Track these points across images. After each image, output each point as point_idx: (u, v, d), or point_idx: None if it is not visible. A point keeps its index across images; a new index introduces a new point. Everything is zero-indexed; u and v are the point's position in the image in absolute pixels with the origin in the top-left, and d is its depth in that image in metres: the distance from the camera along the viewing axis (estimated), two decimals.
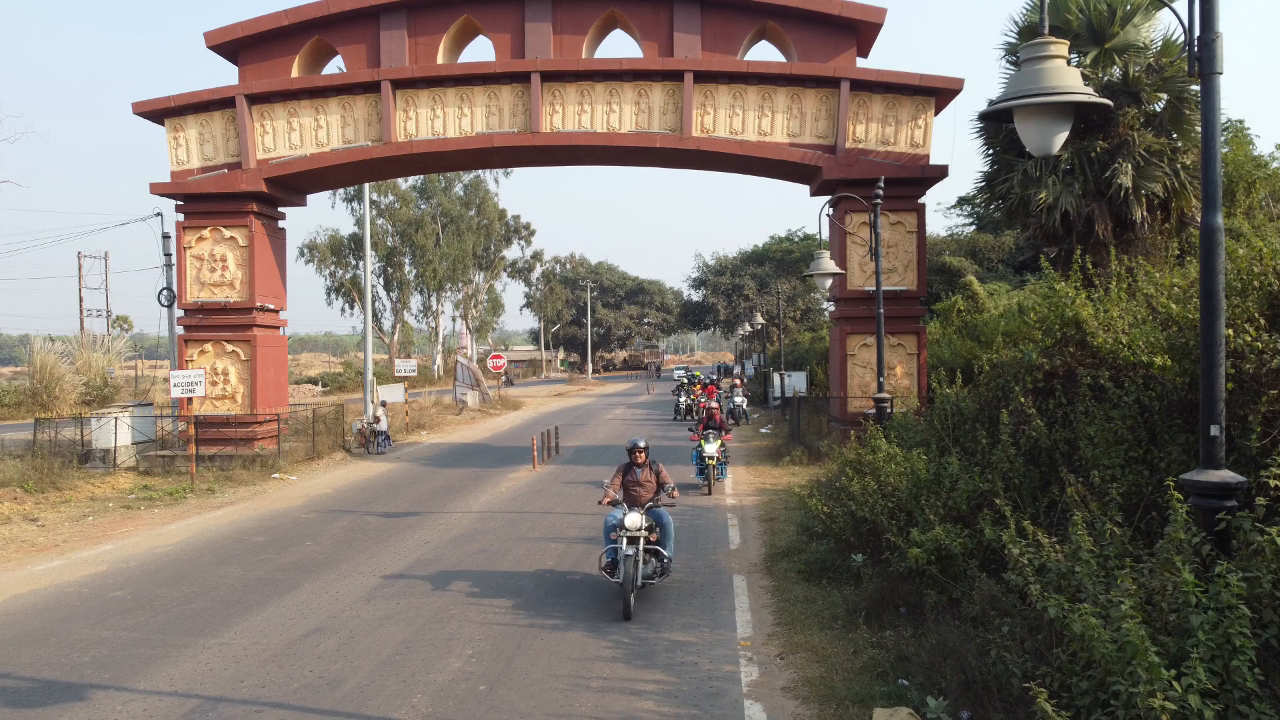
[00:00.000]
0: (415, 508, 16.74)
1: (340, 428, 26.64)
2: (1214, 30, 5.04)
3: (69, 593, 11.09)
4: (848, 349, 20.58)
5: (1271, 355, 6.63)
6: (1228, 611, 4.61)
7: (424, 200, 61.42)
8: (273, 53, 21.43)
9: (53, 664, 8.42)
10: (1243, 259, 7.58)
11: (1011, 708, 5.85)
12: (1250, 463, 6.36)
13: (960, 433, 10.09)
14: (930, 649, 7.13)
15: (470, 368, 46.48)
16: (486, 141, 21.02)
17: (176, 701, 7.40)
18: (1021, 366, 9.46)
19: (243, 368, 21.75)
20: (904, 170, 19.87)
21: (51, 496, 17.75)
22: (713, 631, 8.90)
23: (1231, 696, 4.52)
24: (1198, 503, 5.27)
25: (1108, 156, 16.24)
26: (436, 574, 11.55)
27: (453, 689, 7.50)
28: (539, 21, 20.77)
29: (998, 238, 36.87)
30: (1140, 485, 7.10)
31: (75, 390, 33.55)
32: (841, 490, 10.60)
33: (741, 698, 7.18)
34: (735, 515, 15.06)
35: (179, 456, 21.08)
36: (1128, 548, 6.09)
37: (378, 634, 9.05)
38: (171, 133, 21.58)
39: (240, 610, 10.05)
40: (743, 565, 11.63)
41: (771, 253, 62.19)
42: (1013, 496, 7.97)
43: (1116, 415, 7.54)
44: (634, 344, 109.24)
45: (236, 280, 21.69)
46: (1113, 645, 4.69)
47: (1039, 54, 5.40)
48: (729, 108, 20.53)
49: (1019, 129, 5.41)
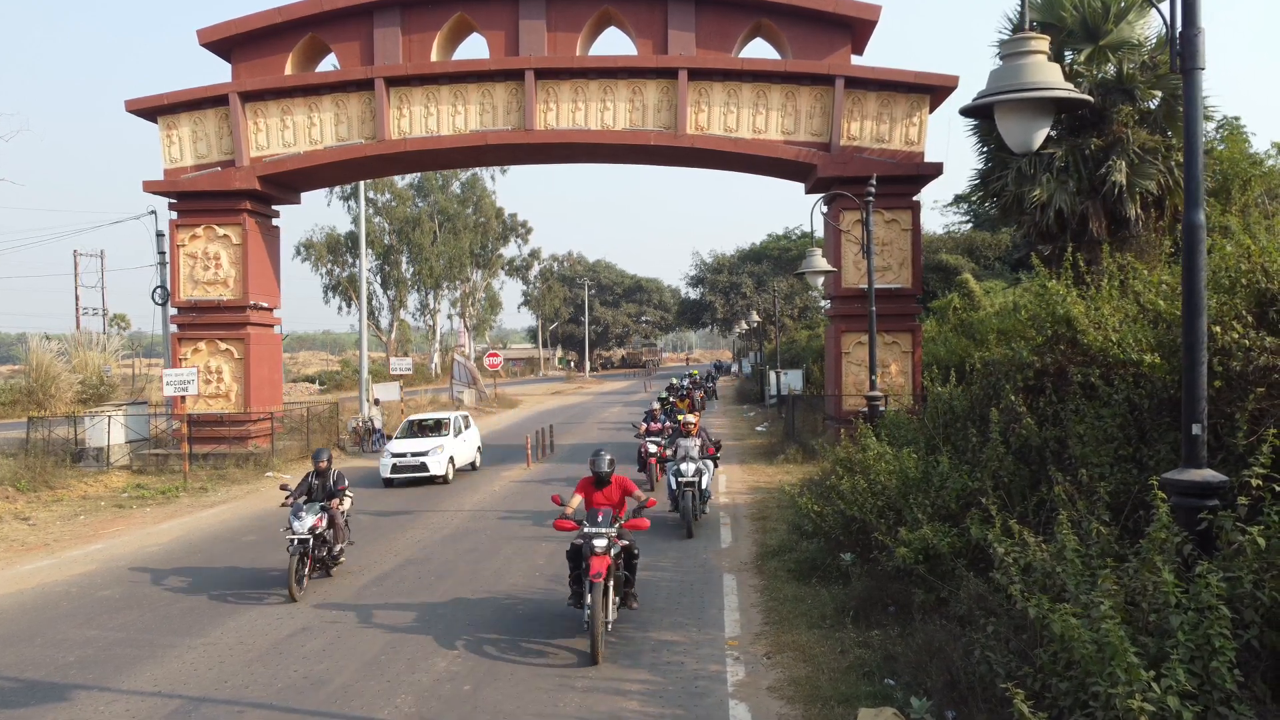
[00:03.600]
0: (407, 506, 16.70)
1: (335, 426, 26.60)
2: (1196, 25, 5.00)
3: (57, 592, 11.05)
4: (843, 347, 20.54)
5: (1259, 353, 6.59)
6: (1208, 612, 4.57)
7: (421, 198, 61.29)
8: (266, 50, 21.37)
9: (37, 664, 8.39)
10: (1231, 256, 7.54)
11: (995, 708, 5.81)
12: (1238, 461, 6.31)
13: (951, 431, 10.04)
14: (916, 648, 7.10)
15: (467, 366, 46.43)
16: (481, 139, 20.97)
17: (159, 702, 7.36)
18: (1013, 364, 9.40)
19: (236, 366, 21.70)
20: (899, 168, 19.82)
21: (44, 495, 17.72)
22: (700, 631, 8.86)
23: (1211, 698, 4.47)
24: (1180, 502, 5.23)
25: (1102, 154, 16.19)
26: (426, 573, 11.51)
27: (437, 689, 7.46)
28: (533, 19, 20.71)
29: (994, 235, 36.80)
30: (1129, 483, 7.05)
31: (71, 389, 33.53)
32: (832, 489, 10.56)
33: (727, 698, 7.14)
34: (728, 514, 15.03)
35: (172, 455, 21.03)
36: (1113, 547, 6.04)
37: (364, 633, 9.02)
38: (165, 131, 21.51)
39: (228, 610, 10.02)
40: (733, 564, 11.59)
41: (769, 251, 62.10)
42: (1001, 495, 7.92)
43: (1106, 413, 7.50)
44: (632, 342, 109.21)
45: (230, 279, 21.64)
46: (1092, 646, 4.65)
47: (1020, 49, 5.35)
48: (723, 105, 20.48)
49: (999, 125, 5.36)
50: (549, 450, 24.73)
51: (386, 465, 18.99)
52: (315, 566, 10.88)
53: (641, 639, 8.56)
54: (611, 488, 9.08)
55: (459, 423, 20.92)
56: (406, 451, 18.96)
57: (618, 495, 9.07)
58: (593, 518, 8.50)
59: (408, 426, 20.80)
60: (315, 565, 10.87)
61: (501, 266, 70.72)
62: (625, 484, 9.13)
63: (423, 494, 18.09)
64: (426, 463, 18.75)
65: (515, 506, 16.38)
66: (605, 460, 9.08)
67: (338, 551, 11.23)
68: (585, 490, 9.10)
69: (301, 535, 10.47)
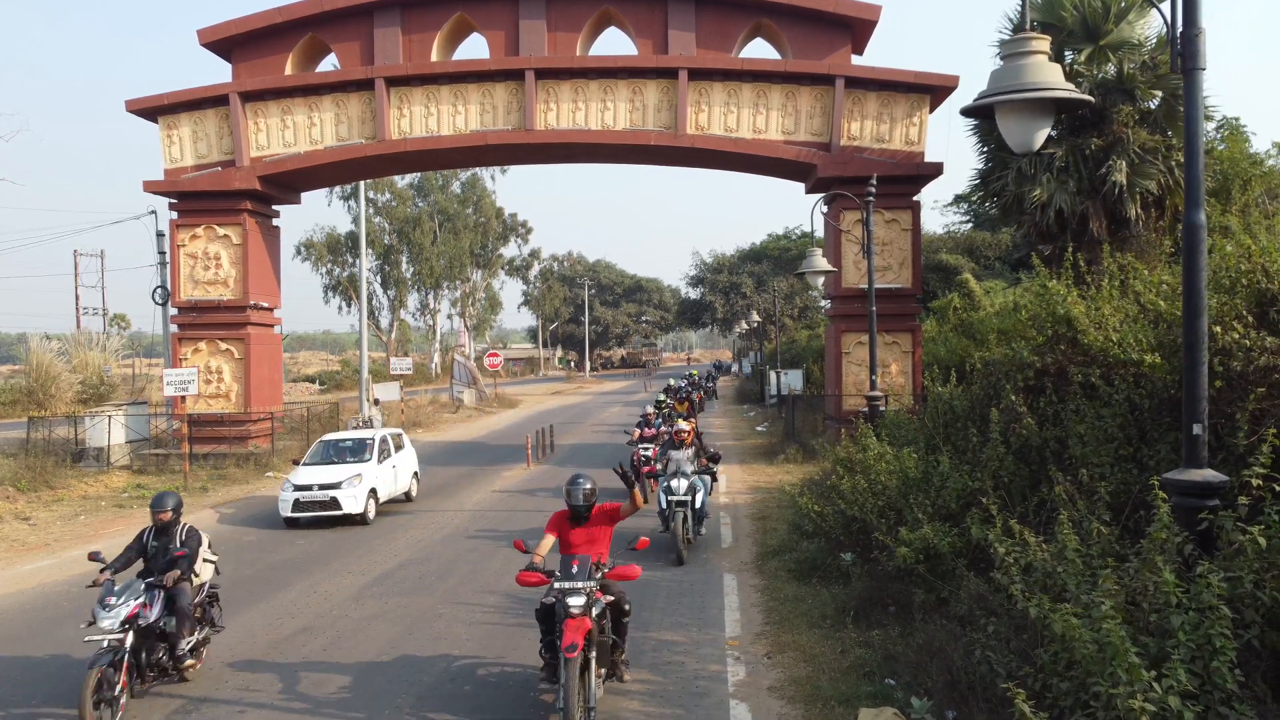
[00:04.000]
0: (407, 506, 16.70)
1: (335, 426, 26.60)
2: (1196, 26, 5.01)
3: (57, 592, 11.06)
4: (843, 347, 20.54)
5: (1259, 353, 6.59)
6: (1209, 612, 4.57)
7: (421, 198, 61.30)
8: (266, 50, 21.37)
9: (37, 664, 8.38)
10: (1231, 256, 7.54)
11: (996, 708, 5.82)
12: (1238, 461, 6.30)
13: (951, 431, 10.05)
14: (917, 648, 7.10)
15: (467, 366, 46.45)
16: (481, 139, 20.98)
17: (161, 701, 7.36)
18: (1013, 364, 9.40)
19: (236, 366, 21.70)
20: (899, 168, 19.82)
21: (44, 495, 17.73)
22: (701, 631, 8.86)
23: (1212, 698, 4.48)
24: (1180, 502, 5.23)
25: (1102, 154, 16.19)
26: (427, 573, 11.51)
27: (438, 688, 7.47)
28: (533, 19, 20.71)
29: (994, 235, 36.80)
30: (1129, 483, 7.06)
31: (72, 388, 33.53)
32: (832, 489, 10.56)
33: (727, 698, 7.15)
34: (728, 514, 15.03)
35: (173, 455, 21.04)
36: (1114, 547, 6.04)
37: (365, 633, 9.02)
38: (165, 131, 21.51)
39: (229, 609, 9.99)
40: (734, 564, 11.60)
41: (769, 251, 62.07)
42: (1002, 495, 7.92)
43: (1107, 413, 7.50)
44: (632, 342, 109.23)
45: (230, 278, 21.64)
46: (1093, 646, 4.65)
47: (1020, 49, 5.36)
48: (724, 105, 20.48)
49: (1000, 125, 5.36)
50: (549, 450, 24.74)
51: (287, 501, 14.78)
52: (150, 674, 7.37)
53: (642, 639, 8.56)
54: (592, 524, 7.14)
55: (386, 443, 16.61)
56: (313, 483, 14.82)
57: (601, 532, 7.15)
58: (566, 568, 6.63)
59: (321, 449, 16.42)
60: (151, 672, 7.35)
61: (501, 266, 70.71)
62: (611, 512, 7.20)
63: (423, 494, 18.01)
64: (338, 497, 14.62)
65: (516, 506, 16.38)
66: (582, 490, 7.05)
67: (188, 647, 7.55)
68: (558, 528, 7.18)
69: (112, 634, 6.92)
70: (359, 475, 15.07)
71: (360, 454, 15.89)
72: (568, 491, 7.10)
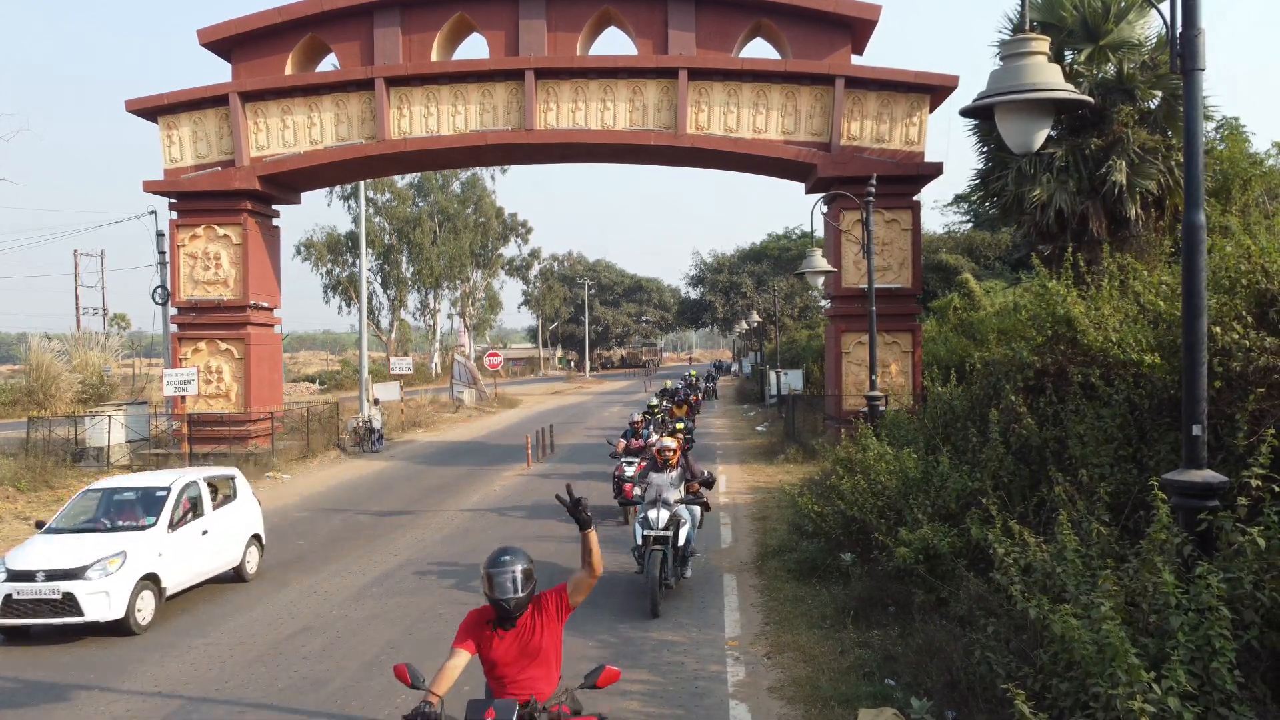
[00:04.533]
0: (407, 506, 16.70)
1: (335, 426, 26.61)
2: (1196, 26, 5.00)
3: None
4: (843, 347, 20.54)
5: (1259, 353, 6.59)
6: (1208, 613, 4.57)
7: (421, 198, 61.30)
8: (266, 50, 21.37)
9: (36, 664, 8.39)
10: (1231, 256, 7.54)
11: (995, 708, 5.82)
12: (1238, 461, 6.30)
13: (951, 431, 10.05)
14: (916, 649, 7.10)
15: (467, 365, 46.44)
16: (480, 139, 20.98)
17: (160, 702, 7.37)
18: (1013, 364, 9.41)
19: (236, 366, 21.70)
20: (899, 168, 19.82)
21: (44, 495, 17.72)
22: (701, 631, 8.86)
23: (1211, 699, 4.48)
24: (1180, 502, 5.23)
25: (1102, 154, 16.17)
26: (426, 573, 11.52)
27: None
28: (533, 19, 20.71)
29: (994, 235, 36.78)
30: (1129, 484, 7.06)
31: (72, 388, 33.52)
32: (832, 489, 10.56)
33: (727, 698, 7.15)
34: (728, 514, 15.03)
35: (173, 455, 21.02)
36: (1113, 547, 6.04)
37: (365, 634, 9.02)
38: (165, 130, 21.51)
39: (229, 610, 10.02)
40: (734, 564, 11.60)
41: (769, 250, 62.07)
42: (1001, 495, 7.93)
43: (1106, 414, 7.50)
44: (632, 342, 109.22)
45: (230, 278, 21.64)
46: (1093, 646, 4.65)
47: (1020, 50, 5.36)
48: (723, 105, 20.48)
49: (1000, 126, 5.36)
50: (549, 450, 24.74)
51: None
52: None
53: (642, 639, 8.56)
54: (528, 628, 4.61)
55: (196, 497, 10.97)
56: (37, 569, 9.22)
57: (543, 639, 4.62)
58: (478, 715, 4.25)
59: (84, 505, 10.66)
60: None
61: (501, 266, 70.70)
62: (557, 603, 4.67)
63: (423, 494, 17.95)
64: (76, 594, 9.03)
65: (516, 506, 16.36)
66: (511, 575, 4.49)
67: None
68: (475, 637, 4.63)
69: None
70: (120, 555, 9.41)
71: (147, 511, 10.40)
72: (487, 578, 4.49)
